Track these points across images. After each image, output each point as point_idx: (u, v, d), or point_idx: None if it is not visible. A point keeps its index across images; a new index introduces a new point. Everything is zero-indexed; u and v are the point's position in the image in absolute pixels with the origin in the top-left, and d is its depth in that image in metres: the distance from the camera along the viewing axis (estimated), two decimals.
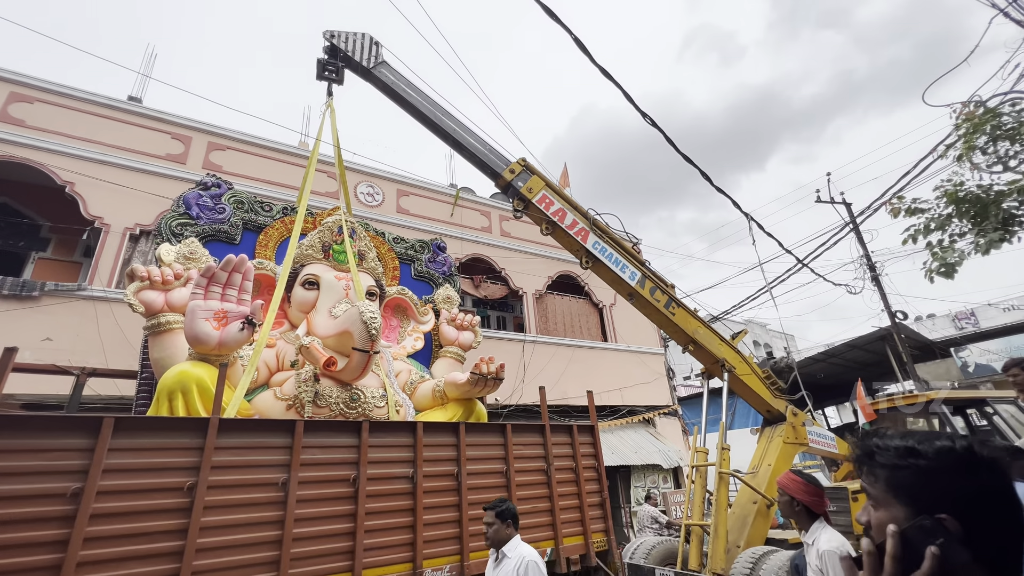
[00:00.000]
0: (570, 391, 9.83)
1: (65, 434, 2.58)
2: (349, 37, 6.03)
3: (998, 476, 0.76)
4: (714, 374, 6.23)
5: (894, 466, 0.80)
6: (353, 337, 4.12)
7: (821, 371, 13.51)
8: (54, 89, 7.45)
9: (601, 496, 4.42)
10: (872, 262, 12.46)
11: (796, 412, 6.15)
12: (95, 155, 7.37)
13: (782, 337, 31.81)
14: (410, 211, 10.07)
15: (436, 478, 3.61)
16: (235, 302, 3.90)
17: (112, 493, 2.59)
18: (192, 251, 4.78)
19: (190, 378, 3.57)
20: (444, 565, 3.39)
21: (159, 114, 8.15)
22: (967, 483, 0.75)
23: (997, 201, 5.44)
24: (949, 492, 0.75)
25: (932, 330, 19.67)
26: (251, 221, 5.53)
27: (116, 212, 7.24)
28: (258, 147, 8.87)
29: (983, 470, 0.76)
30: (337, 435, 3.35)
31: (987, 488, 0.75)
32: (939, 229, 5.78)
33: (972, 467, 0.76)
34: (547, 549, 3.86)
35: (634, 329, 11.51)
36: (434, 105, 6.05)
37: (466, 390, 4.68)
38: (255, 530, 2.88)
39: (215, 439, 2.91)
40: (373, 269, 5.68)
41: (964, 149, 5.60)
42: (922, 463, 0.78)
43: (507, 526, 2.57)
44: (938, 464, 0.77)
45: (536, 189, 5.80)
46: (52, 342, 6.23)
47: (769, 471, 5.65)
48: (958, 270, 5.72)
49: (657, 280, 6.04)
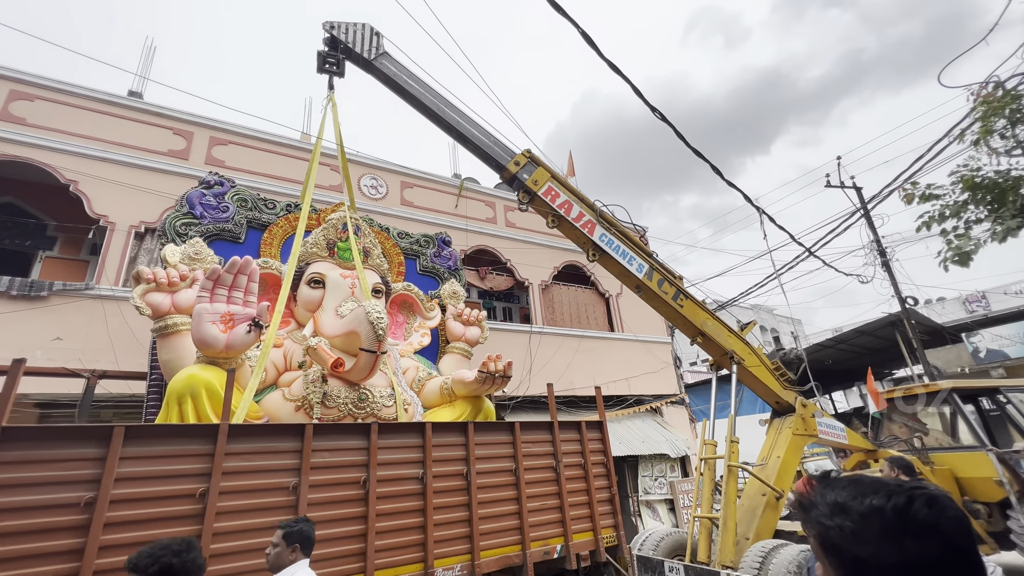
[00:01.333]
0: (577, 382, 9.83)
1: (77, 444, 2.59)
2: (349, 28, 5.91)
3: (934, 545, 0.64)
4: (723, 366, 6.19)
5: (823, 525, 0.72)
6: (360, 337, 4.10)
7: (829, 357, 13.44)
8: (54, 86, 7.39)
9: (610, 492, 4.43)
10: (883, 247, 12.28)
11: (806, 403, 6.11)
12: (97, 152, 7.34)
13: (789, 322, 31.64)
14: (414, 203, 10.00)
15: (446, 478, 3.62)
16: (241, 304, 3.89)
17: (125, 501, 2.60)
18: (197, 251, 4.76)
19: (199, 382, 3.57)
20: (455, 564, 3.41)
21: (160, 109, 8.08)
22: (892, 554, 0.64)
23: (1015, 187, 5.28)
24: (873, 561, 0.65)
25: (942, 314, 19.46)
26: (255, 219, 5.49)
27: (120, 210, 7.23)
28: (260, 141, 8.79)
29: (917, 538, 0.64)
30: (346, 438, 3.35)
31: (915, 562, 0.63)
32: (954, 216, 5.64)
33: (902, 534, 0.65)
34: (556, 546, 3.87)
35: (641, 318, 11.46)
36: (437, 97, 5.94)
37: (474, 388, 4.67)
38: (266, 535, 2.89)
39: (225, 445, 2.92)
40: (378, 266, 5.65)
41: (981, 133, 5.43)
42: (847, 525, 0.68)
43: (292, 551, 2.20)
44: (863, 528, 0.67)
45: (542, 181, 5.71)
46: (62, 341, 6.28)
47: (779, 463, 5.63)
48: (973, 258, 5.59)
49: (665, 272, 5.97)
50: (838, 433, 6.29)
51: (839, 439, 6.32)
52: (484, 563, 3.49)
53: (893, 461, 3.99)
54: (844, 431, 6.36)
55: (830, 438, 6.25)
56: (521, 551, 3.69)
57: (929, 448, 7.02)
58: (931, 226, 5.71)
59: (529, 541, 3.73)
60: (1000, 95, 5.31)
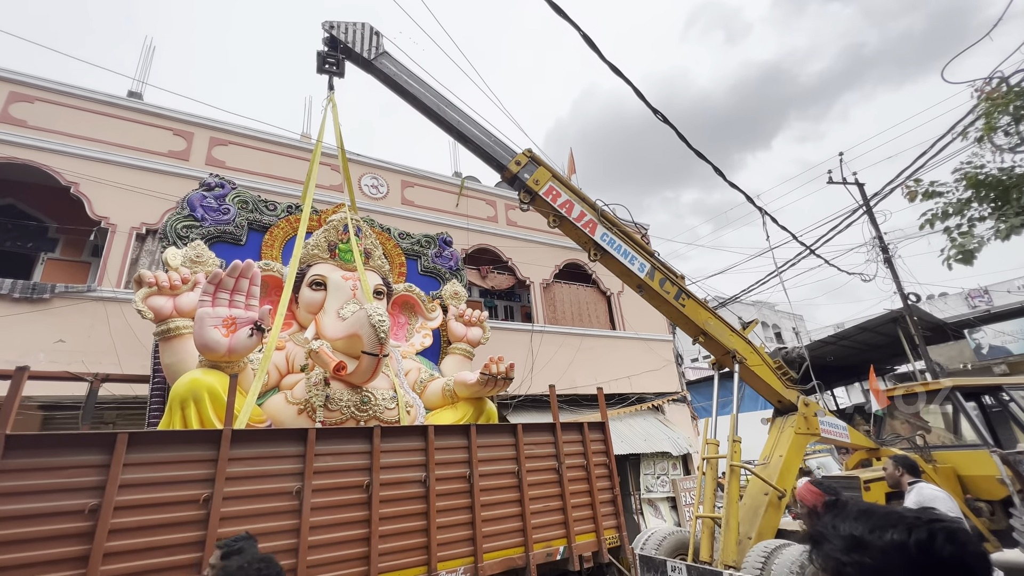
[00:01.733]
0: (579, 380, 9.84)
1: (80, 451, 2.60)
2: (349, 28, 5.88)
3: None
4: (725, 364, 6.18)
5: (838, 561, 0.68)
6: (362, 341, 4.10)
7: (831, 354, 13.44)
8: (54, 88, 7.38)
9: (613, 493, 4.43)
10: (885, 244, 12.24)
11: (808, 402, 6.10)
12: (98, 154, 7.33)
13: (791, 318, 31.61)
14: (415, 202, 9.98)
15: (448, 481, 3.63)
16: (243, 308, 3.88)
17: (129, 508, 2.61)
18: (198, 254, 4.76)
19: (201, 386, 3.58)
20: (458, 567, 3.42)
21: (160, 110, 8.06)
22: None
23: (1019, 184, 5.24)
24: None
25: (944, 310, 19.41)
26: (256, 221, 5.49)
27: (122, 212, 7.23)
28: (261, 141, 8.77)
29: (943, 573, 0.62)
30: (349, 442, 3.35)
31: None
32: (957, 214, 5.60)
33: (927, 571, 0.62)
34: (559, 547, 3.88)
35: (642, 316, 11.45)
36: (437, 96, 5.92)
37: (476, 390, 4.67)
38: (271, 539, 2.91)
39: (228, 450, 2.92)
40: (380, 267, 5.64)
41: (985, 130, 5.39)
42: (867, 561, 0.65)
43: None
44: (885, 565, 0.63)
45: (543, 181, 5.69)
46: (65, 344, 6.29)
47: (781, 462, 5.63)
48: (977, 256, 5.56)
49: (666, 271, 5.96)
50: (840, 432, 6.28)
51: (841, 438, 6.32)
52: (487, 565, 3.50)
53: (897, 460, 3.99)
54: (846, 429, 6.35)
55: (832, 436, 6.25)
56: (524, 553, 3.70)
57: (932, 446, 7.01)
58: (934, 224, 5.68)
59: (532, 543, 3.74)
60: (1004, 91, 5.27)
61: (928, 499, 3.47)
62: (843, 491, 6.57)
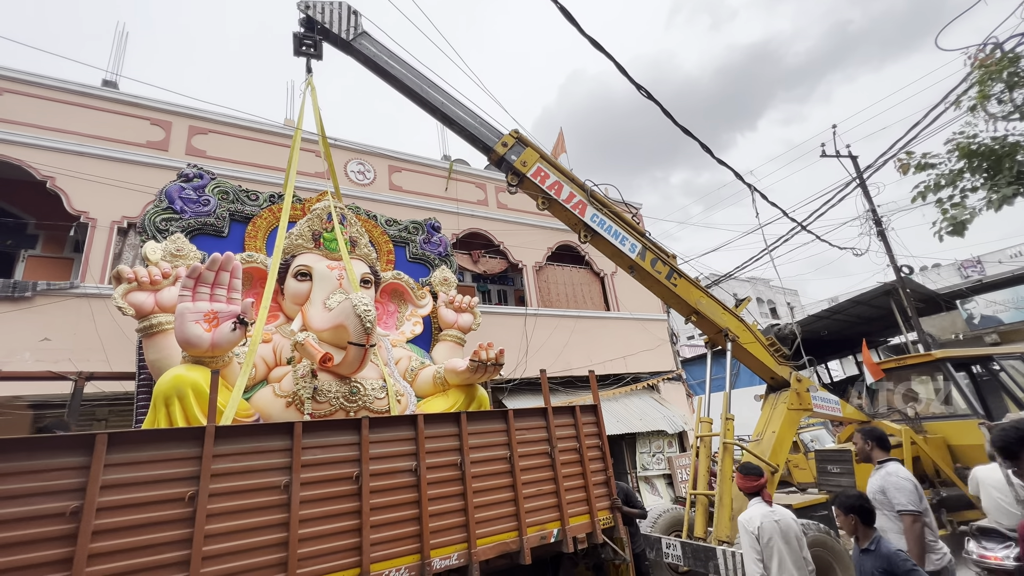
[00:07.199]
0: (574, 362, 9.85)
1: (59, 453, 2.54)
2: (325, 7, 5.67)
3: None
4: (717, 343, 6.18)
5: None
6: (348, 331, 4.04)
7: (825, 328, 13.51)
8: (24, 79, 7.13)
9: (606, 474, 4.44)
10: (878, 216, 12.20)
11: (800, 378, 6.13)
12: (73, 147, 7.13)
13: (784, 293, 31.74)
14: (403, 188, 9.83)
15: (440, 469, 3.61)
16: (225, 301, 3.80)
17: (112, 508, 2.57)
18: (179, 248, 4.66)
19: (185, 383, 3.52)
20: (452, 553, 3.43)
21: (136, 100, 7.83)
22: None
23: (1011, 153, 5.16)
24: None
25: (937, 280, 19.50)
26: (238, 211, 5.36)
27: (101, 206, 7.07)
28: (242, 128, 8.56)
29: None
30: (337, 434, 3.31)
31: None
32: (950, 185, 5.54)
33: None
34: (553, 531, 3.90)
35: (636, 297, 11.43)
36: (420, 78, 5.75)
37: (466, 377, 4.64)
38: (260, 534, 2.88)
39: (213, 447, 2.88)
40: (367, 255, 5.55)
41: (978, 98, 5.29)
42: None
43: None
44: None
45: (530, 162, 5.58)
46: (50, 342, 6.20)
47: (774, 438, 5.68)
48: (968, 227, 5.52)
49: (658, 251, 5.90)
50: (832, 406, 6.33)
51: (834, 412, 6.37)
52: (481, 551, 3.51)
53: (865, 433, 3.90)
54: (838, 403, 6.40)
55: (825, 411, 6.30)
56: (518, 537, 3.71)
57: (923, 417, 7.09)
58: (927, 196, 5.62)
59: (526, 527, 3.75)
60: (998, 57, 5.15)
61: (893, 487, 3.37)
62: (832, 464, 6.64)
